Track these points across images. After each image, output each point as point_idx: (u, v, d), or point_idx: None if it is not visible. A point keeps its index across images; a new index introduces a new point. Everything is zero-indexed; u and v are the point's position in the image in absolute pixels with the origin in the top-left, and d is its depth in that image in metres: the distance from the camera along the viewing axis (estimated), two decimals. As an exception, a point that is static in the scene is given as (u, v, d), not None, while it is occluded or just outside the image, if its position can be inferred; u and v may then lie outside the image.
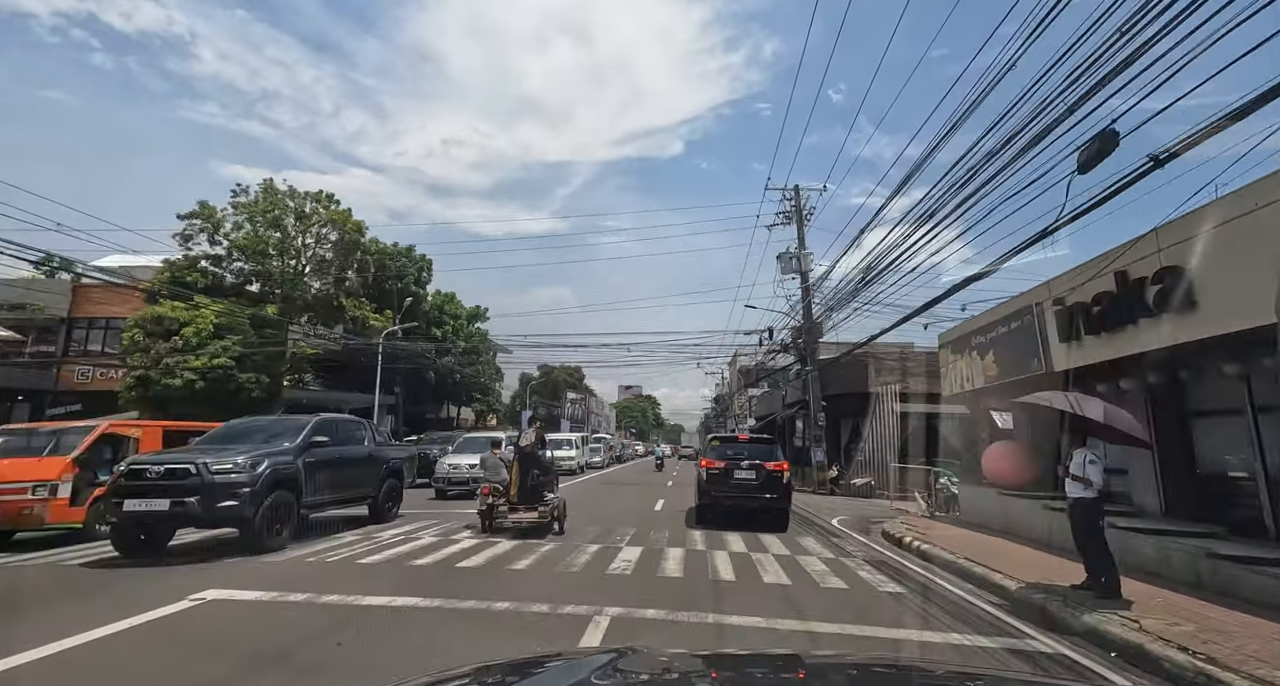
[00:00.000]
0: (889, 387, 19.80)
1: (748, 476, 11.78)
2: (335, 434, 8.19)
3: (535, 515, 8.69)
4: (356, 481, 8.62)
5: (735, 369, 71.56)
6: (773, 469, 11.84)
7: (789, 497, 11.78)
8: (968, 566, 6.83)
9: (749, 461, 11.50)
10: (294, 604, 4.84)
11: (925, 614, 5.15)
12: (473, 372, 38.94)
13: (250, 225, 23.96)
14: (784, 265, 20.73)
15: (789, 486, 11.85)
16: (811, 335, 20.21)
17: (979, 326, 10.77)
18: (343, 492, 8.31)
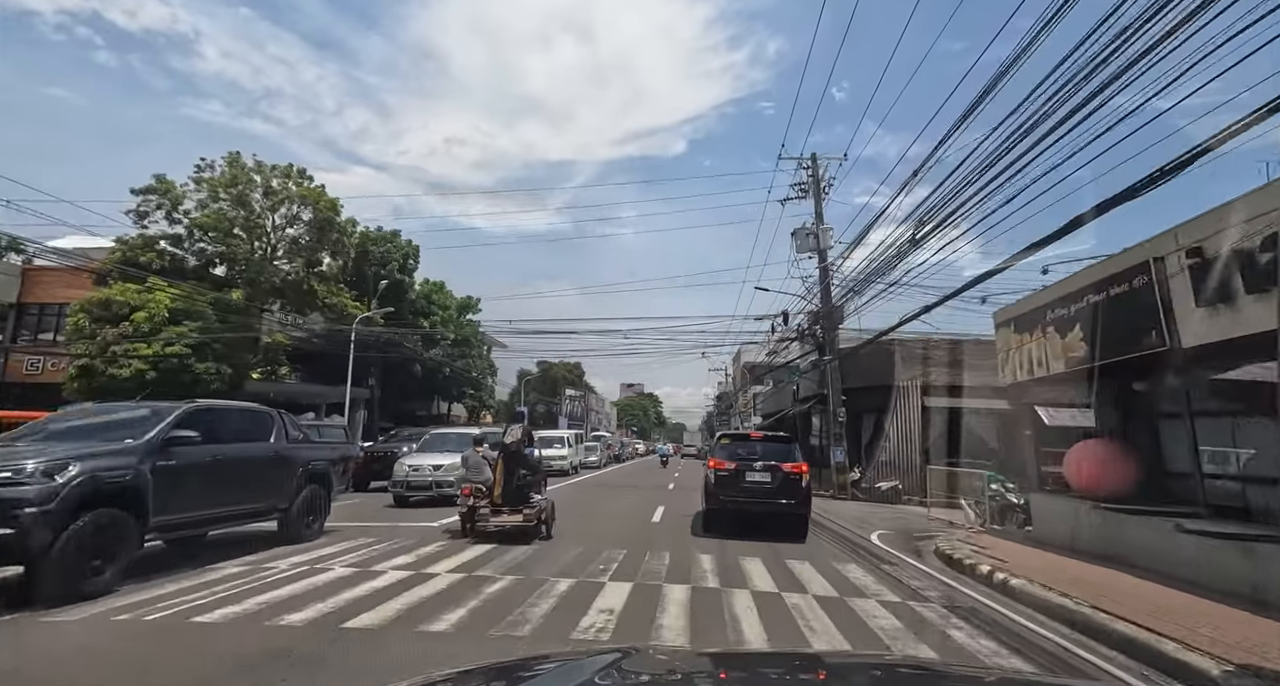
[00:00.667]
0: (916, 380, 17.61)
1: (761, 479, 9.92)
2: (214, 428, 6.07)
3: (520, 518, 7.96)
4: (253, 490, 6.50)
5: (739, 365, 69.45)
6: (790, 471, 9.93)
7: (808, 503, 9.91)
8: (1104, 621, 4.68)
9: (763, 462, 9.98)
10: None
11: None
12: (464, 366, 36.84)
13: (214, 202, 21.87)
14: (800, 242, 18.56)
15: (808, 491, 9.94)
16: (831, 321, 18.03)
17: (1059, 296, 8.58)
18: (230, 506, 6.19)
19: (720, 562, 6.99)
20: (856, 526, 11.19)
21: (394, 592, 5.10)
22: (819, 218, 18.48)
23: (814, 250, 18.44)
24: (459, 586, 5.41)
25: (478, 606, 4.79)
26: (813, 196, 18.77)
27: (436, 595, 5.09)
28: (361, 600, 4.85)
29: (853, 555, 8.19)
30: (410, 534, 8.28)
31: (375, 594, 5.06)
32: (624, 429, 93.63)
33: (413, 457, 11.94)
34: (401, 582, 5.47)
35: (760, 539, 9.11)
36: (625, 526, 10.05)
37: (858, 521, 11.91)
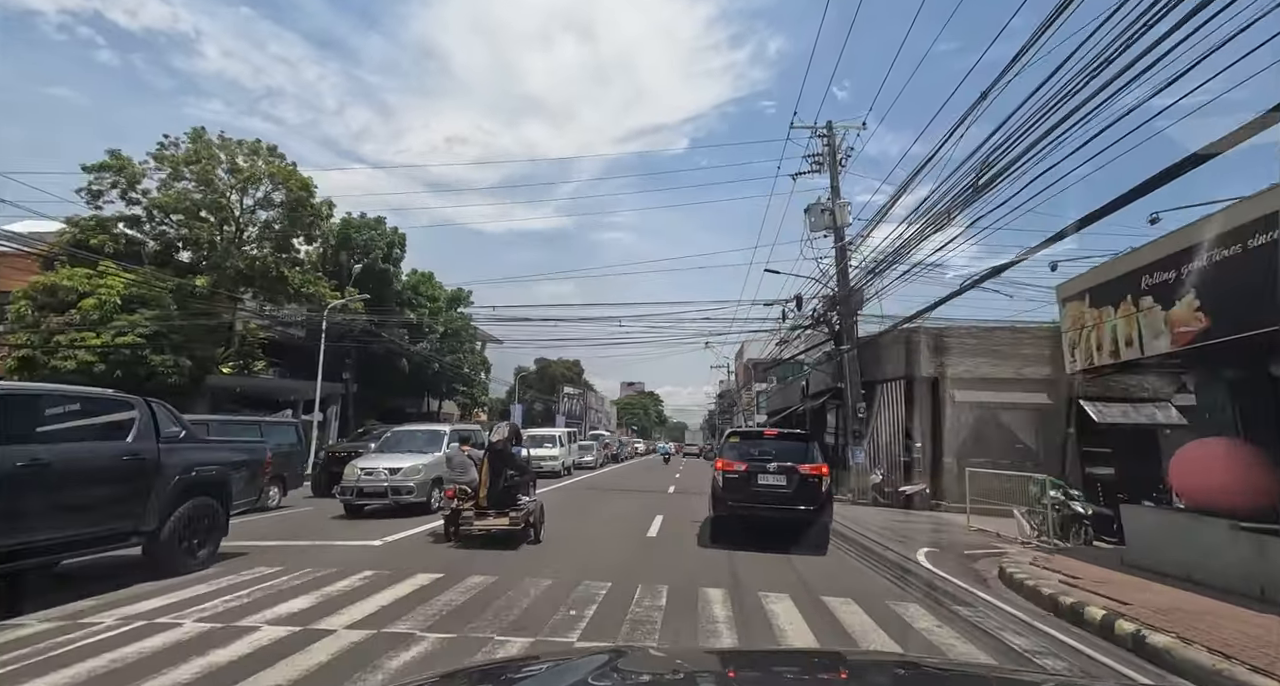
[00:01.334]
0: (944, 371, 15.79)
1: (776, 482, 8.61)
2: (30, 421, 4.30)
3: (506, 521, 7.59)
4: (97, 506, 4.71)
5: (742, 362, 67.58)
6: (808, 472, 8.59)
7: (829, 510, 8.69)
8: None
9: (777, 463, 8.70)
10: None
11: None
12: (453, 361, 35.06)
13: (175, 181, 20.10)
14: (814, 219, 16.73)
15: (829, 496, 8.72)
16: (849, 306, 16.21)
17: (1166, 254, 6.75)
18: (58, 530, 4.42)
19: (737, 603, 5.20)
20: (893, 540, 9.39)
21: (237, 675, 3.30)
22: (835, 191, 16.67)
23: (829, 228, 16.63)
24: (351, 656, 3.62)
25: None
26: (828, 169, 16.95)
27: (304, 679, 3.30)
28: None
29: (903, 584, 6.39)
30: (335, 559, 6.50)
31: (206, 678, 3.26)
32: (624, 428, 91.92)
33: (366, 459, 10.15)
34: (267, 650, 3.67)
35: (775, 550, 7.93)
36: (615, 544, 8.27)
37: (892, 534, 10.11)
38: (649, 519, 10.66)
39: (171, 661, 3.45)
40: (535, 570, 6.23)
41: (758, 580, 6.13)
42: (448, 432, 11.12)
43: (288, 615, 4.39)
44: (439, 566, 6.17)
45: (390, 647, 3.75)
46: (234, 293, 20.45)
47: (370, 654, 3.66)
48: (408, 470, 9.81)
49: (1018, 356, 15.51)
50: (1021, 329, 15.80)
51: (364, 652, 3.68)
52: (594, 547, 7.88)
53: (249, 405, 22.54)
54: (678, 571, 6.48)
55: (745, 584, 5.96)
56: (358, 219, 29.28)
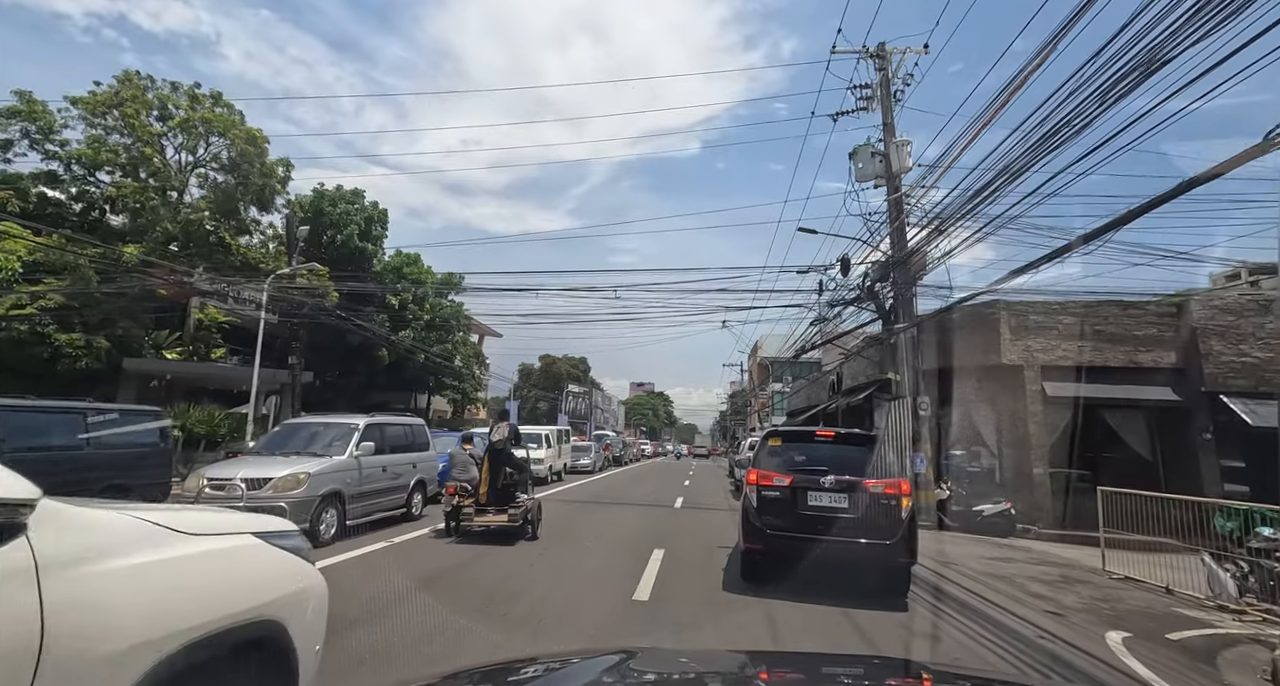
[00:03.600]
0: (1034, 358, 12.28)
1: (834, 504, 5.77)
2: None
3: (505, 518, 7.80)
4: None
5: (755, 361, 64.01)
6: (882, 492, 5.72)
7: (911, 546, 5.72)
8: None
9: (836, 477, 5.81)
10: None
11: None
12: (441, 352, 31.86)
13: (93, 128, 17.07)
14: (861, 165, 13.30)
15: (912, 525, 5.72)
16: (906, 273, 12.75)
17: None
18: None
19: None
20: (1017, 599, 5.92)
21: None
22: (889, 130, 13.21)
23: (880, 176, 13.18)
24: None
25: None
26: (880, 103, 13.50)
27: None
28: None
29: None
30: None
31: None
32: (632, 428, 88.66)
33: (222, 466, 6.88)
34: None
35: (826, 599, 5.47)
36: (584, 607, 4.92)
37: (1009, 585, 6.65)
38: (641, 558, 7.27)
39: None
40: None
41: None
42: (361, 428, 7.84)
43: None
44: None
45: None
46: (166, 262, 17.32)
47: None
48: (280, 482, 6.53)
49: (1131, 339, 11.97)
50: (1137, 304, 12.25)
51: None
52: (555, 610, 4.54)
53: (190, 396, 19.52)
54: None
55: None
56: (332, 190, 26.24)
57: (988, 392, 12.87)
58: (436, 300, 30.73)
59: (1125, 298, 12.40)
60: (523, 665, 1.35)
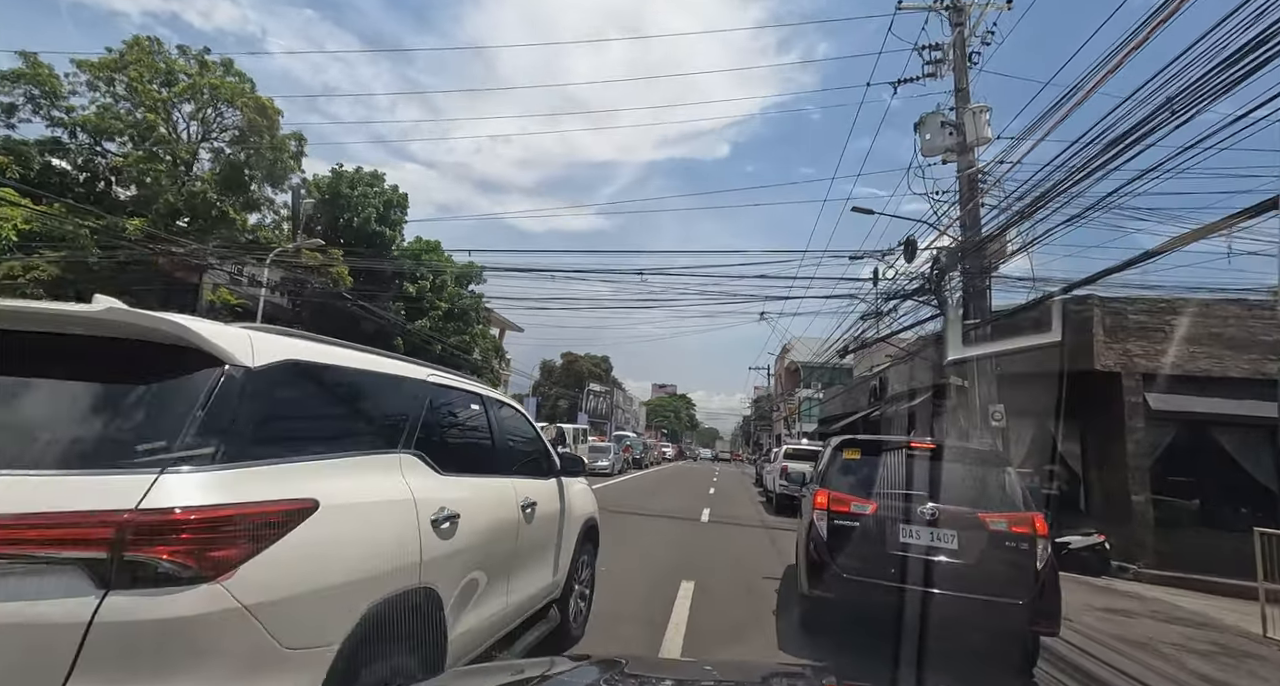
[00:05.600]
0: (1134, 365, 10.40)
1: (939, 542, 4.12)
2: None
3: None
4: None
5: (783, 365, 61.79)
6: (1008, 530, 4.06)
7: (1052, 610, 4.00)
8: None
9: (939, 507, 4.15)
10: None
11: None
12: (458, 343, 30.76)
13: (95, 90, 16.23)
14: (929, 137, 11.57)
15: (1053, 580, 4.06)
16: (980, 262, 10.97)
17: None
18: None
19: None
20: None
21: None
22: (962, 96, 11.44)
23: (950, 149, 11.43)
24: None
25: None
26: (953, 66, 11.74)
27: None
28: None
29: None
30: None
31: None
32: (653, 430, 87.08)
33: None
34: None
35: (922, 668, 3.65)
36: None
37: (1161, 661, 4.92)
38: (665, 596, 5.71)
39: None
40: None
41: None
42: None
43: None
44: None
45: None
46: (169, 236, 16.38)
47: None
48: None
49: (1257, 345, 10.01)
50: (1266, 303, 10.27)
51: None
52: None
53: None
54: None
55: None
56: (351, 172, 25.31)
57: (1072, 403, 11.00)
58: (455, 289, 29.66)
59: (1252, 295, 10.42)
60: (509, 669, 1.38)
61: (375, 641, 1.80)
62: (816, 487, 4.57)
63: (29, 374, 1.61)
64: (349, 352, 2.23)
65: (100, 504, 1.38)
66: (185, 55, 16.79)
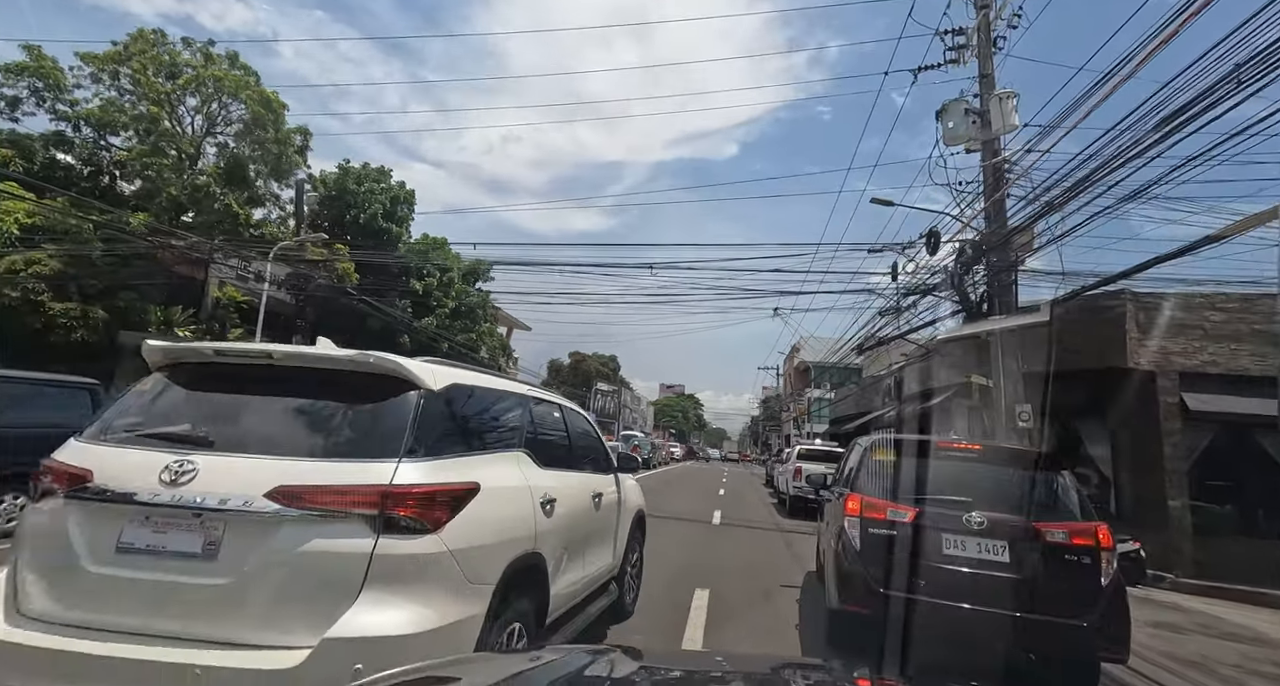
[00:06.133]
0: (1169, 363, 9.90)
1: (989, 555, 3.65)
2: None
3: None
4: None
5: (792, 366, 61.15)
6: (1068, 542, 3.59)
7: (1120, 634, 3.48)
8: None
9: (989, 514, 3.67)
10: None
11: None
12: (466, 342, 30.49)
13: (97, 84, 16.05)
14: (952, 124, 11.11)
15: (1119, 598, 3.54)
16: (1006, 256, 10.51)
17: None
18: None
19: None
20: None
21: None
22: (988, 81, 10.98)
23: (974, 138, 10.96)
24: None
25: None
26: (976, 52, 11.28)
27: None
28: None
29: None
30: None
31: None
32: (661, 430, 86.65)
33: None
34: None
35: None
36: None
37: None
38: (679, 605, 5.32)
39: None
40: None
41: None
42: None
43: None
44: None
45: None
46: (172, 229, 16.17)
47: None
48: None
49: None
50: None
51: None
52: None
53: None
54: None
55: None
56: (358, 168, 25.09)
57: (1103, 403, 10.52)
58: (462, 287, 29.39)
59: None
60: (491, 662, 1.39)
61: (511, 587, 2.49)
62: (846, 492, 4.16)
63: (310, 396, 2.37)
64: (483, 375, 3.02)
65: (369, 480, 2.08)
66: (189, 47, 16.59)
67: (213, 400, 2.44)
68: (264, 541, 2.02)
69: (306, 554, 2.00)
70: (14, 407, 6.18)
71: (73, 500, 2.11)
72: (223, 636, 1.94)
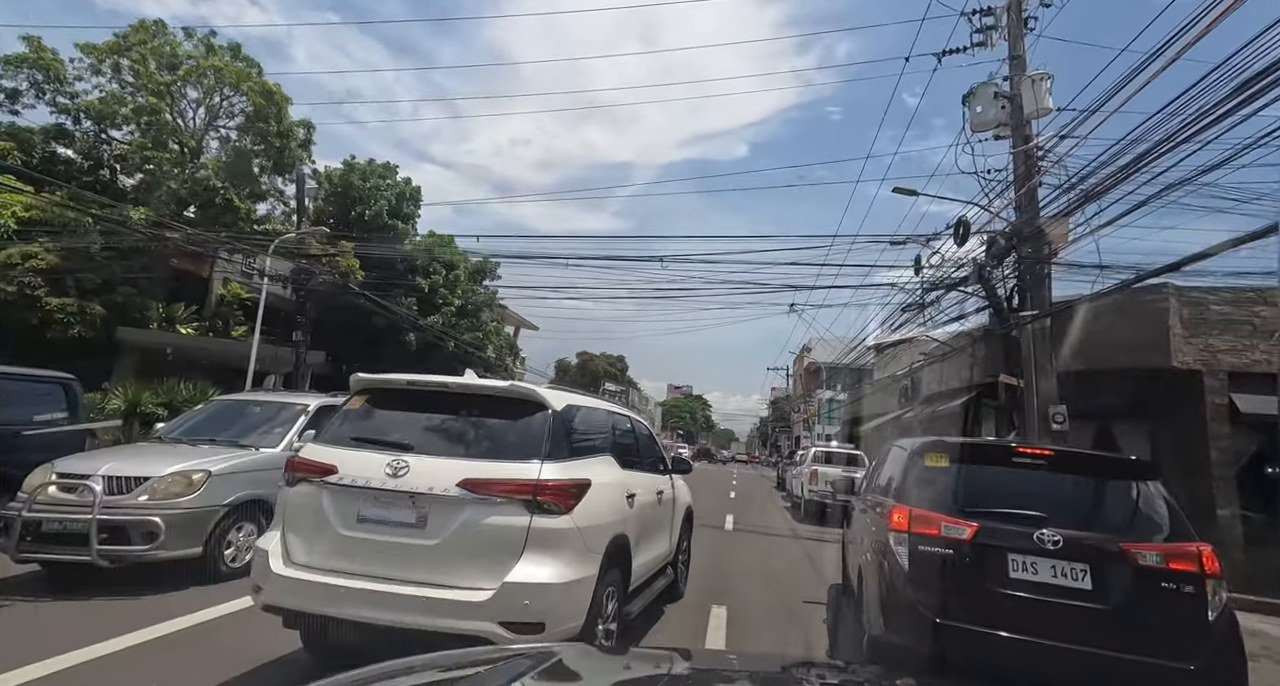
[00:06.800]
0: (1216, 361, 9.26)
1: (1067, 580, 3.02)
2: None
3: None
4: None
5: (801, 366, 60.31)
6: (1164, 566, 2.99)
7: (1237, 680, 2.87)
8: None
9: (1065, 532, 3.01)
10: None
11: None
12: (472, 340, 30.07)
13: (97, 76, 15.76)
14: (980, 109, 10.55)
15: (1232, 634, 2.97)
16: (1038, 248, 9.90)
17: None
18: None
19: None
20: None
21: None
22: (1018, 63, 10.40)
23: (1003, 123, 10.42)
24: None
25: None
26: (1007, 32, 10.71)
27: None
28: None
29: None
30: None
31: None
32: (669, 430, 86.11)
33: (83, 458, 4.76)
34: None
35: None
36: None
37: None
38: (694, 626, 4.79)
39: None
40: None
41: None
42: (311, 410, 5.65)
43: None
44: None
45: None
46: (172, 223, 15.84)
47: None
48: (162, 484, 4.38)
49: (1363, 337, 8.81)
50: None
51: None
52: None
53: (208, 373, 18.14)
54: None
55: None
56: (363, 163, 24.75)
57: (1143, 404, 9.90)
58: (469, 285, 29.00)
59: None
60: (442, 663, 1.31)
61: (610, 559, 3.32)
62: (889, 501, 3.62)
63: (476, 413, 3.29)
64: (584, 397, 3.94)
65: (525, 476, 2.98)
66: (191, 38, 16.28)
67: (407, 417, 3.32)
68: (457, 516, 2.89)
69: (486, 525, 2.87)
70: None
71: (325, 485, 3.02)
72: (434, 580, 2.79)
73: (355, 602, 2.78)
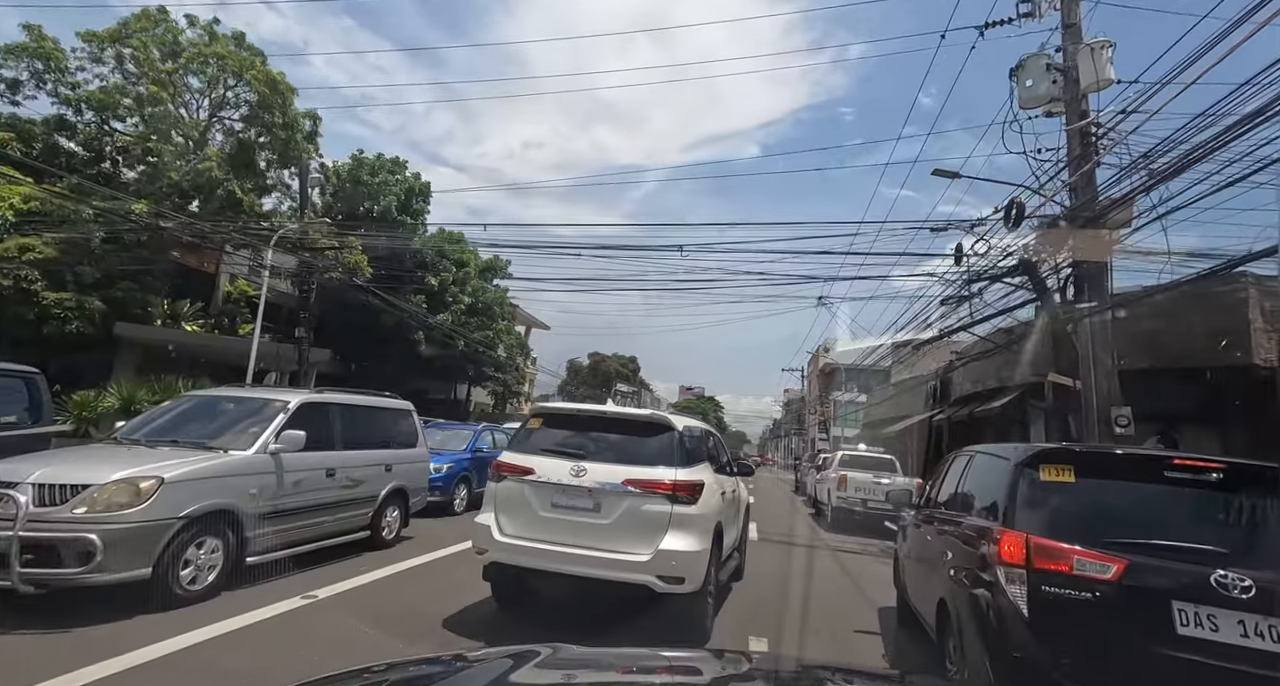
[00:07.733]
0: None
1: (1265, 641, 2.08)
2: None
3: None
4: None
5: (817, 368, 59.11)
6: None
7: None
8: None
9: (1257, 576, 2.14)
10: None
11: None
12: (481, 341, 29.43)
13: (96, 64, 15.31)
14: (1030, 83, 9.74)
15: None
16: (1099, 235, 9.01)
17: None
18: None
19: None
20: None
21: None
22: (1073, 32, 9.53)
23: (1056, 99, 9.58)
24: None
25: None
26: (1059, 1, 9.83)
27: None
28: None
29: None
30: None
31: None
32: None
33: (13, 462, 4.07)
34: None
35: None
36: None
37: None
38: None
39: None
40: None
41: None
42: (291, 408, 4.96)
43: None
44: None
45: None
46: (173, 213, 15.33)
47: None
48: (102, 494, 3.69)
49: None
50: None
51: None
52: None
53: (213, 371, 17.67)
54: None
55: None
56: (372, 158, 24.25)
57: (1215, 405, 8.96)
58: (479, 283, 28.40)
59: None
60: (431, 662, 1.36)
61: (715, 537, 4.50)
62: (997, 527, 2.83)
63: (625, 432, 4.53)
64: (691, 420, 5.36)
65: (667, 477, 4.19)
66: (193, 26, 15.81)
67: (576, 433, 4.56)
68: (622, 504, 4.14)
69: (642, 511, 4.11)
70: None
71: (525, 481, 4.31)
72: (609, 547, 4.08)
73: (556, 560, 4.06)
